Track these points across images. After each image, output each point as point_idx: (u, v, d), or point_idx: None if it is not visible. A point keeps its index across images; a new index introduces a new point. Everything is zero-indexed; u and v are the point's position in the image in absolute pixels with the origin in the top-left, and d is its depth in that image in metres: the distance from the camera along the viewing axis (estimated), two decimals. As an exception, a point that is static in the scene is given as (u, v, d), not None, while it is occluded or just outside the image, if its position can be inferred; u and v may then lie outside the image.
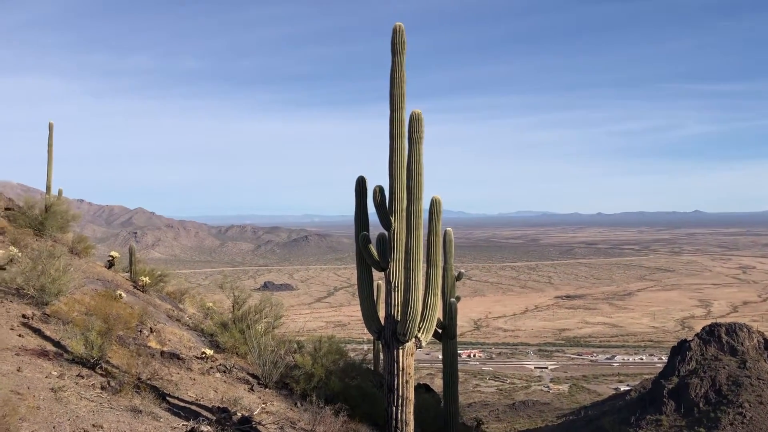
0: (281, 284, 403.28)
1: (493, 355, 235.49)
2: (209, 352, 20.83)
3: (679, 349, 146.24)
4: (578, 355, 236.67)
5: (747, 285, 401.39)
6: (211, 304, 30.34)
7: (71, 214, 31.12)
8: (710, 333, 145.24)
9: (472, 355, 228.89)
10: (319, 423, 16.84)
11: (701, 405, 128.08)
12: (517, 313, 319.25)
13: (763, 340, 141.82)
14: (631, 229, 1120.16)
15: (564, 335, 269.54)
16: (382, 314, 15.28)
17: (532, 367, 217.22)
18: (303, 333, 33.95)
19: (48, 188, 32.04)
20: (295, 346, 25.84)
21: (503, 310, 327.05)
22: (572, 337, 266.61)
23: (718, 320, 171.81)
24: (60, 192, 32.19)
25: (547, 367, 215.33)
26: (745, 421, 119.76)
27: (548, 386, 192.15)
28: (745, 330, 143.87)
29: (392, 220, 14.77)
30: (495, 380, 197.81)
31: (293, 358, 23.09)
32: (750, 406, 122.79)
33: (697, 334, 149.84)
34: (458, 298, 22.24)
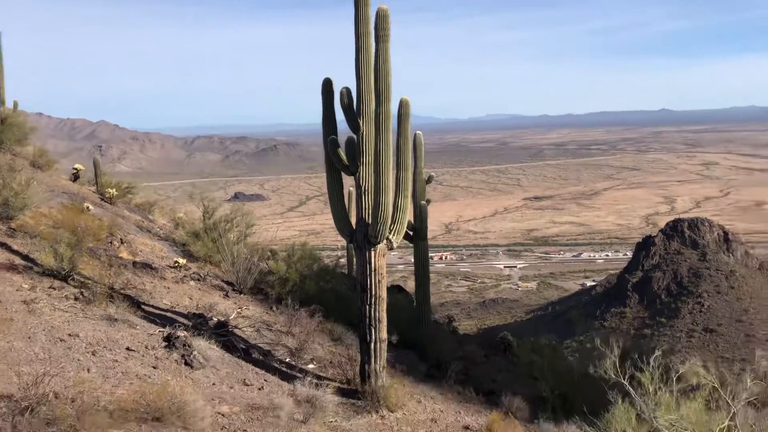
0: (252, 195, 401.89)
1: (464, 257, 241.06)
2: (182, 261, 20.87)
3: (644, 245, 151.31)
4: (546, 253, 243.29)
5: (710, 181, 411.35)
6: (181, 215, 30.13)
7: (29, 127, 30.15)
8: (673, 228, 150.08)
9: (443, 258, 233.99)
10: (295, 324, 17.22)
11: (663, 296, 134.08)
12: (487, 216, 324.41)
13: (722, 233, 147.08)
14: (599, 129, 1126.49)
15: (532, 235, 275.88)
16: (354, 219, 15.32)
17: (502, 266, 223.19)
18: (276, 242, 34.15)
19: (2, 101, 30.83)
20: (269, 253, 26.03)
21: (473, 213, 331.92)
22: (540, 236, 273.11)
23: (682, 216, 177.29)
24: (15, 104, 31.02)
25: (516, 266, 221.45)
26: (703, 309, 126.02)
27: (517, 284, 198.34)
28: (706, 224, 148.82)
29: (361, 123, 14.54)
30: (466, 280, 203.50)
31: (267, 264, 23.31)
32: (708, 295, 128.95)
33: (661, 230, 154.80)
34: (429, 201, 22.38)
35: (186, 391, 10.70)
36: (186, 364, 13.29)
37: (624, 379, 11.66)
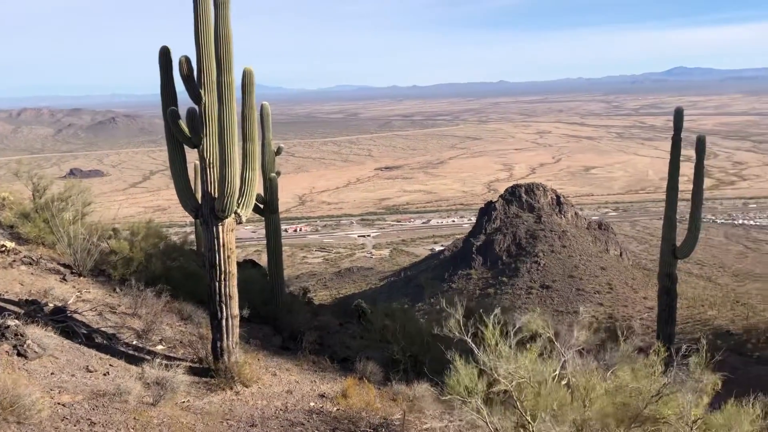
0: (90, 170, 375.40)
1: (319, 228, 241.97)
2: (10, 244, 19.17)
3: (486, 210, 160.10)
4: (397, 221, 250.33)
5: (543, 148, 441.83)
6: (6, 194, 27.53)
7: None
8: (512, 194, 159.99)
9: (298, 230, 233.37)
10: (141, 305, 16.48)
11: (504, 257, 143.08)
12: (340, 187, 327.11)
13: (555, 197, 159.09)
14: (444, 100, 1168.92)
15: (384, 204, 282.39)
16: (200, 194, 14.81)
17: (356, 236, 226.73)
18: (119, 220, 32.26)
19: None
20: (110, 232, 24.54)
21: (327, 184, 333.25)
22: (392, 205, 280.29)
23: (519, 182, 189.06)
24: None
25: (369, 235, 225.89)
26: (539, 268, 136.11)
27: (371, 252, 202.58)
28: (541, 189, 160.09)
29: (202, 93, 14.01)
30: (321, 251, 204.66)
31: (108, 244, 22.00)
32: (543, 254, 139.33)
33: (501, 195, 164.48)
34: (278, 173, 22.16)
35: (20, 384, 9.95)
36: (19, 354, 12.32)
37: (468, 336, 12.35)
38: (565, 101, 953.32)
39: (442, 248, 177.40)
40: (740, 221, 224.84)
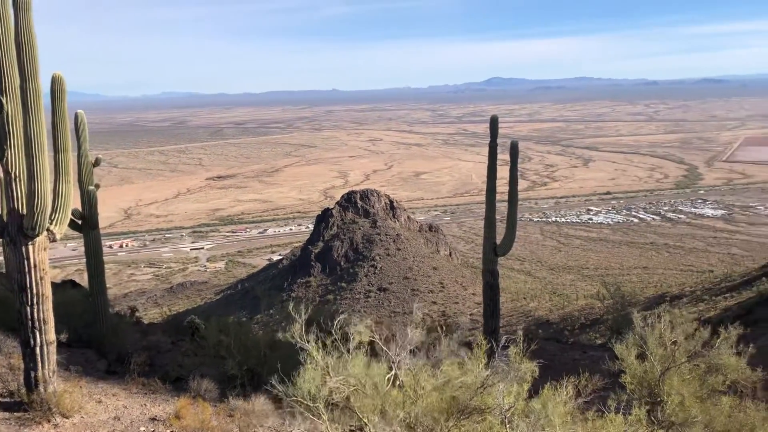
0: None
1: (147, 243, 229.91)
2: None
3: (323, 217, 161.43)
4: (233, 232, 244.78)
5: (376, 155, 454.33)
6: None
7: None
8: (348, 200, 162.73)
9: (124, 245, 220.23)
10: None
11: (342, 263, 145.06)
12: (169, 198, 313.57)
13: (389, 202, 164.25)
14: (276, 108, 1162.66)
15: (218, 215, 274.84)
16: (5, 210, 13.46)
17: (188, 249, 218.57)
18: None
19: None
20: None
21: (154, 196, 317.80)
22: (226, 215, 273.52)
23: (354, 188, 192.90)
24: None
25: (203, 248, 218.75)
26: (376, 271, 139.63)
27: (205, 266, 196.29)
28: (375, 194, 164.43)
29: (5, 102, 12.78)
30: (151, 267, 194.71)
31: None
32: (380, 258, 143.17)
33: (337, 202, 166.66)
34: (98, 186, 20.73)
35: None
36: None
37: (307, 344, 12.33)
38: (394, 110, 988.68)
39: (280, 257, 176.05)
40: (553, 219, 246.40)
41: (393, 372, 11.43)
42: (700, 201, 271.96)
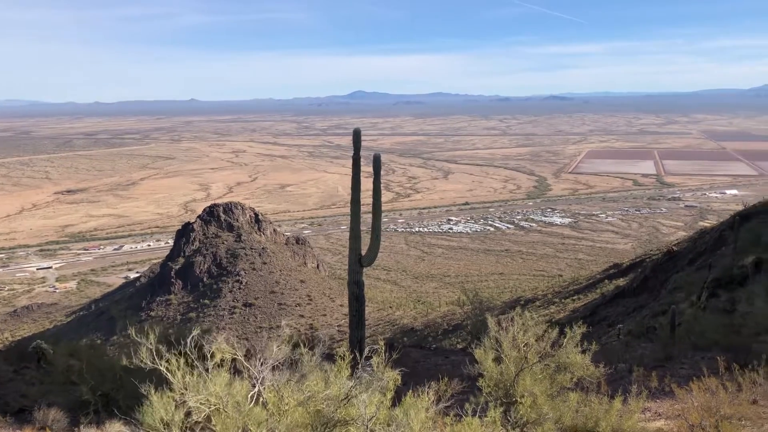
0: None
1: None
2: None
3: (184, 232, 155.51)
4: (85, 249, 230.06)
5: (239, 167, 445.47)
6: None
7: None
8: (210, 213, 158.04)
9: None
10: None
11: (205, 279, 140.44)
12: (11, 214, 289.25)
13: (254, 215, 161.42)
14: (132, 118, 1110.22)
15: (68, 231, 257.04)
16: None
17: (35, 269, 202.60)
18: None
19: None
20: None
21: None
22: (77, 232, 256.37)
23: (217, 201, 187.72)
24: None
25: (51, 267, 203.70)
26: (241, 286, 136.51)
27: (54, 286, 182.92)
28: (239, 207, 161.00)
29: None
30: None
31: None
32: (245, 273, 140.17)
33: (198, 216, 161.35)
34: None
35: None
36: None
37: (163, 366, 11.78)
38: (258, 121, 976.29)
39: (138, 275, 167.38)
40: (417, 229, 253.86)
41: (256, 389, 11.22)
42: (549, 210, 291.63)
